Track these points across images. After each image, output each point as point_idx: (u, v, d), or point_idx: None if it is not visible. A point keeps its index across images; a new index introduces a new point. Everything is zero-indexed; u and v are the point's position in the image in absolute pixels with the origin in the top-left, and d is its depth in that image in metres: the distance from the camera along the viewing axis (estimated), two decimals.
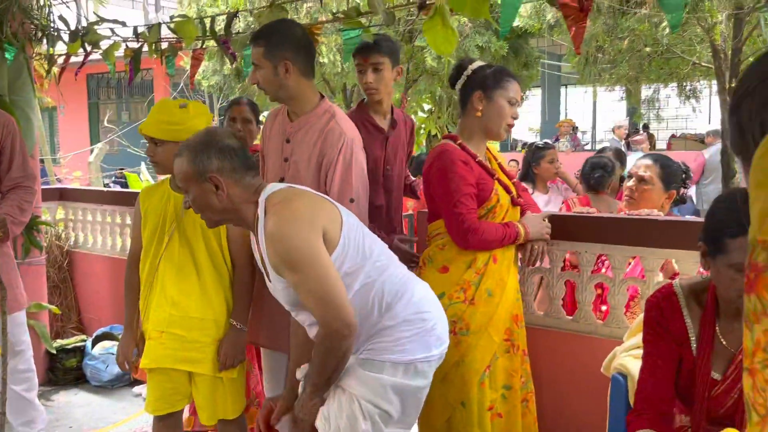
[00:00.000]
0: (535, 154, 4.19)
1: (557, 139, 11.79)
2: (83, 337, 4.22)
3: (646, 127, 13.15)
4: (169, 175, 2.28)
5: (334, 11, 2.64)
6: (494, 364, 2.19)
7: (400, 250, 2.54)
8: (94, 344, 4.04)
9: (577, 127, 13.43)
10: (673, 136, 13.01)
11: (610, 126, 12.02)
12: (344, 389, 1.79)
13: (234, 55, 3.11)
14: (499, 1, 2.11)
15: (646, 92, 9.52)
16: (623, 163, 4.08)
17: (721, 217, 1.56)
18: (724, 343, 1.61)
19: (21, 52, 3.40)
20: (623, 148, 8.83)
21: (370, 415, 1.76)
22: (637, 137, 11.79)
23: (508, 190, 2.28)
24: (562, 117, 15.65)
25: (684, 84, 8.03)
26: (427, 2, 2.40)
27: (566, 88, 16.94)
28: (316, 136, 2.20)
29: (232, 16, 3.00)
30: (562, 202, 3.63)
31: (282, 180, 2.26)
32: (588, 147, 13.15)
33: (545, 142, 4.60)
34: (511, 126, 2.28)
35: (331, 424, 1.78)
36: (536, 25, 5.92)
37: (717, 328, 1.63)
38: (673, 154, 5.39)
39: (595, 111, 14.76)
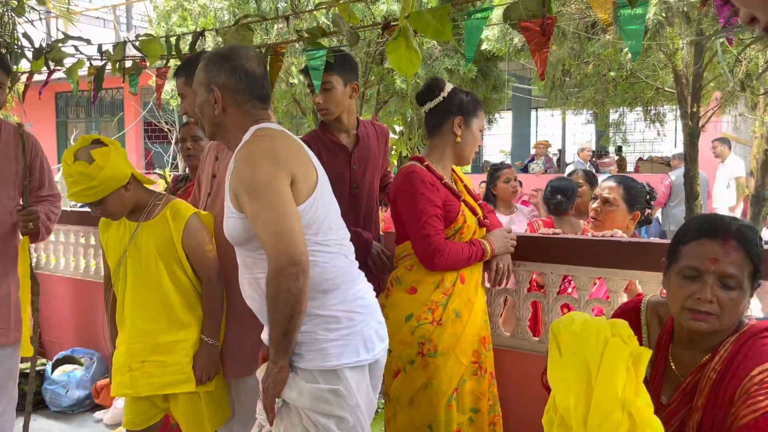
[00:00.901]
0: (492, 175, 4.26)
1: (532, 160, 11.93)
2: (43, 360, 4.09)
3: (619, 149, 13.37)
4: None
5: (299, 30, 2.62)
6: (462, 386, 2.18)
7: (379, 255, 2.54)
8: (54, 368, 3.92)
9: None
10: (640, 159, 13.26)
11: (576, 150, 12.23)
12: (289, 405, 1.74)
13: None
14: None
15: (613, 116, 9.71)
16: (593, 184, 4.14)
17: (682, 229, 1.58)
18: (673, 367, 1.59)
19: None
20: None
21: (323, 426, 1.72)
22: (605, 159, 12.00)
23: (474, 212, 2.29)
24: (533, 139, 15.87)
25: (649, 108, 8.20)
26: (391, 24, 2.40)
27: (536, 110, 17.20)
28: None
29: (197, 35, 2.98)
30: (527, 225, 3.65)
31: (209, 195, 2.41)
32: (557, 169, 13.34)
33: (501, 162, 4.68)
34: (476, 152, 2.36)
35: None
36: (503, 48, 6.01)
37: (669, 351, 1.62)
38: (641, 177, 5.48)
39: (564, 133, 14.99)
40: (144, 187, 2.28)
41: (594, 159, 11.80)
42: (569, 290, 2.60)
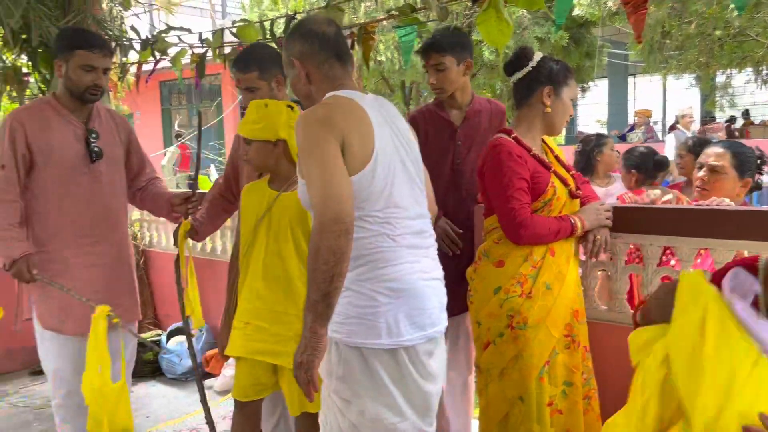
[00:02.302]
0: (597, 142, 4.13)
1: (631, 129, 11.39)
2: (159, 331, 4.43)
3: (746, 113, 12.47)
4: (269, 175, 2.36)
5: (389, 9, 2.65)
6: (553, 359, 2.16)
7: (441, 227, 2.54)
8: (168, 339, 4.23)
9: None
10: (750, 123, 12.34)
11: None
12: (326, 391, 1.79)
13: None
14: None
15: (719, 78, 9.05)
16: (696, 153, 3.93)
17: None
18: None
19: None
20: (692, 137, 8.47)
21: (338, 408, 1.77)
22: (713, 125, 11.24)
23: (565, 183, 2.24)
24: (630, 107, 15.12)
25: (760, 68, 7.59)
26: None
27: (635, 77, 16.35)
28: None
29: (290, 18, 3.08)
30: (618, 198, 3.54)
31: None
32: (659, 138, 12.67)
33: (600, 134, 4.54)
34: (567, 122, 2.30)
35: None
36: (597, 13, 5.71)
37: None
38: (751, 142, 5.12)
39: (665, 100, 14.17)
40: (292, 160, 2.28)
41: (701, 125, 11.09)
42: (672, 262, 2.51)
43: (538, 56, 2.24)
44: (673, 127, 11.68)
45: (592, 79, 10.06)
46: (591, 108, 16.54)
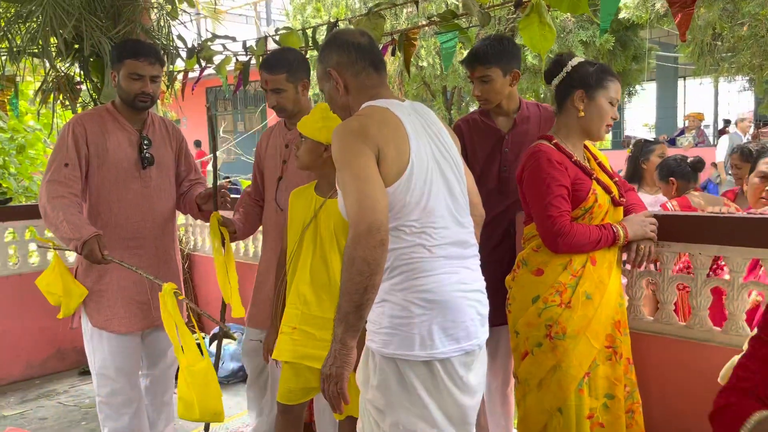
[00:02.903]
0: (644, 148, 4.02)
1: (681, 133, 11.08)
2: (201, 335, 4.50)
3: None
4: (316, 181, 2.39)
5: (430, 15, 2.64)
6: (594, 371, 2.11)
7: None
8: (210, 342, 4.30)
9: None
10: None
11: (733, 119, 11.16)
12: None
13: None
14: None
15: None
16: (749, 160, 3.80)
17: None
18: None
19: None
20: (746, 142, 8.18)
21: (372, 418, 1.76)
22: (766, 129, 10.84)
23: (608, 190, 2.18)
24: (680, 111, 14.71)
25: None
26: (524, 0, 2.35)
27: (684, 80, 15.91)
28: None
29: (332, 26, 3.10)
30: (660, 206, 3.45)
31: (279, 179, 2.67)
32: (711, 142, 12.29)
33: (654, 139, 4.42)
34: (609, 126, 2.21)
35: None
36: (644, 15, 5.55)
37: None
38: None
39: (717, 103, 13.73)
40: None
41: (755, 130, 10.71)
42: (726, 276, 2.41)
43: (575, 61, 2.19)
44: (723, 131, 11.32)
45: (639, 83, 9.80)
46: (639, 112, 16.16)
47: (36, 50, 3.57)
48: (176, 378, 2.96)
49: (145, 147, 2.74)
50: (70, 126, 2.69)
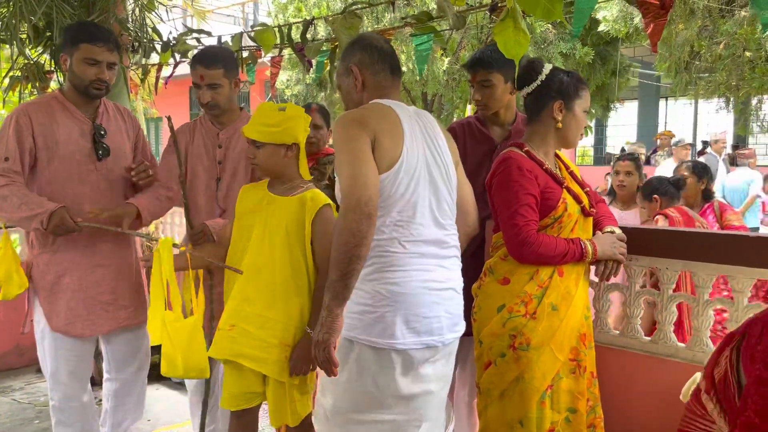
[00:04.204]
0: (615, 163, 4.07)
1: (655, 151, 11.19)
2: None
3: None
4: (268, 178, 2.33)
5: (404, 17, 2.60)
6: (557, 383, 2.06)
7: None
8: None
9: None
10: None
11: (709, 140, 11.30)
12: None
13: (309, 61, 3.16)
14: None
15: (753, 102, 8.82)
16: (703, 177, 3.86)
17: None
18: None
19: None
20: (723, 163, 8.25)
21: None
22: (744, 150, 11.00)
23: (578, 200, 2.15)
24: (660, 130, 14.89)
25: None
26: (499, 5, 2.32)
27: (666, 100, 16.11)
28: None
29: (307, 24, 3.06)
30: (658, 215, 3.46)
31: (218, 180, 2.61)
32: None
33: (624, 152, 4.46)
34: (582, 135, 2.24)
35: None
36: (623, 29, 5.57)
37: None
38: None
39: (696, 123, 13.92)
40: (298, 166, 2.29)
41: (731, 151, 10.85)
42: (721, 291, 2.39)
43: (547, 68, 2.17)
44: (702, 152, 11.43)
45: (618, 99, 9.86)
46: (620, 129, 16.32)
47: (4, 36, 3.48)
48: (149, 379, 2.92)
49: (99, 137, 2.56)
50: (14, 117, 2.49)
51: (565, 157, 2.31)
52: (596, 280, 2.31)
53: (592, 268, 2.25)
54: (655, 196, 3.61)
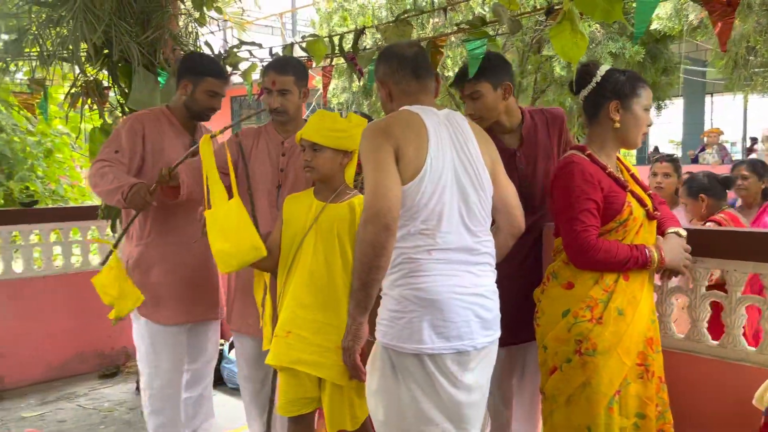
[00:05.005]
0: (652, 164, 3.97)
1: (702, 149, 10.92)
2: (222, 341, 4.49)
3: None
4: (313, 187, 2.37)
5: (458, 23, 2.60)
6: (625, 389, 2.03)
7: None
8: (230, 349, 4.29)
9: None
10: None
11: (760, 137, 10.96)
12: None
13: (360, 70, 3.20)
14: (633, 3, 1.99)
15: None
16: (764, 175, 3.73)
17: None
18: None
19: (172, 76, 3.72)
20: None
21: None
22: None
23: (642, 203, 2.12)
24: (707, 127, 14.51)
25: None
26: (555, 8, 2.31)
27: (712, 96, 15.69)
28: None
29: (359, 33, 3.09)
30: (709, 221, 3.37)
31: (278, 188, 2.63)
32: (738, 159, 12.05)
33: (661, 156, 4.34)
34: (645, 133, 2.16)
35: None
36: (677, 27, 5.43)
37: None
38: None
39: (746, 120, 13.50)
40: (346, 174, 2.33)
41: None
42: None
43: (603, 70, 2.14)
44: (751, 149, 11.09)
45: (669, 97, 9.63)
46: (665, 127, 15.96)
47: (66, 55, 3.61)
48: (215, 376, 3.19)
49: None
50: (128, 122, 2.84)
51: (625, 159, 2.28)
52: (658, 283, 2.27)
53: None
54: (702, 195, 3.48)
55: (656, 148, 14.08)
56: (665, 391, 2.14)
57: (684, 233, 2.18)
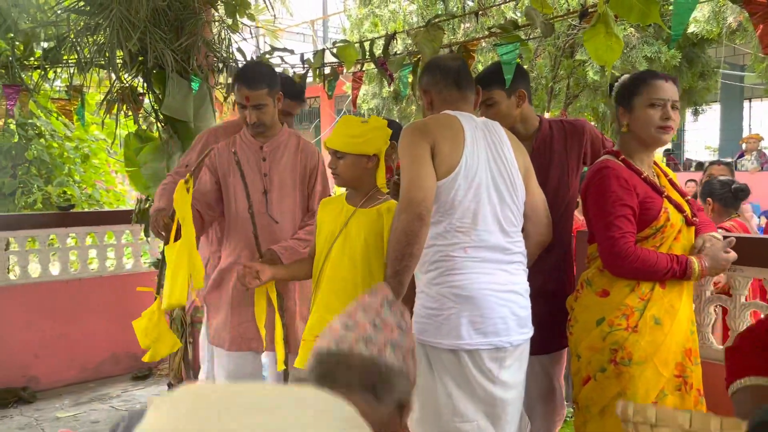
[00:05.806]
0: (707, 168, 3.89)
1: (741, 155, 10.63)
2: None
3: None
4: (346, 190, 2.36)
5: (490, 27, 2.58)
6: (662, 401, 1.97)
7: None
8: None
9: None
10: None
11: None
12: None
13: (391, 75, 3.19)
14: (670, 5, 1.95)
15: None
16: None
17: None
18: None
19: (205, 82, 3.77)
20: None
21: None
22: None
23: (680, 209, 2.06)
24: (745, 133, 14.14)
25: None
26: (589, 10, 2.27)
27: (750, 101, 15.30)
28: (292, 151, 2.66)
29: (390, 38, 3.09)
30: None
31: (264, 193, 2.58)
32: None
33: (718, 161, 4.24)
34: (664, 128, 2.02)
35: None
36: (715, 29, 5.28)
37: None
38: None
39: None
40: (376, 177, 2.30)
41: None
42: None
43: (623, 77, 2.12)
44: None
45: (706, 102, 9.39)
46: (702, 133, 15.63)
47: (102, 62, 3.69)
48: None
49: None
50: (204, 136, 2.83)
51: (662, 164, 2.23)
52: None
53: None
54: (710, 198, 3.41)
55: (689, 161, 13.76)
56: (704, 405, 2.08)
57: (719, 236, 2.12)
